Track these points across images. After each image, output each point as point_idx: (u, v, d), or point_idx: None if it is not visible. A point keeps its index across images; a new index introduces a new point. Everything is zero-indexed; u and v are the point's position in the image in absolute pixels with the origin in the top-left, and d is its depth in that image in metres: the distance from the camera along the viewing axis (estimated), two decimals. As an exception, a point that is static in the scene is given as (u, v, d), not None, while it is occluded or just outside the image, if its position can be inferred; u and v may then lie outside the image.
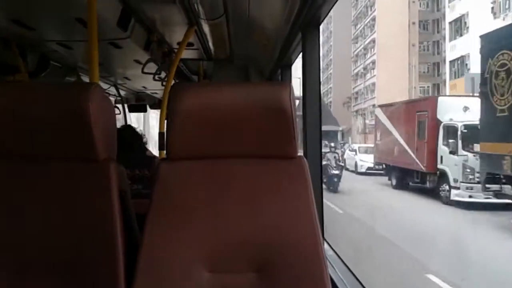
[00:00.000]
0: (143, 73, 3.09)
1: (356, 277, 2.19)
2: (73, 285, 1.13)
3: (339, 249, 2.44)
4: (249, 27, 3.10)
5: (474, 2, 23.42)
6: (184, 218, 1.16)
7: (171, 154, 1.20)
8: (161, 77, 3.38)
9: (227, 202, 1.18)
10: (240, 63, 4.20)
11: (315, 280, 1.14)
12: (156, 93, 5.12)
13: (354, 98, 44.28)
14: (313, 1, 2.05)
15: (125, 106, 5.23)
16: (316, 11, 2.14)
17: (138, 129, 2.92)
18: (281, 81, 3.40)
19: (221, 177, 1.20)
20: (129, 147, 2.40)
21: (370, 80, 40.36)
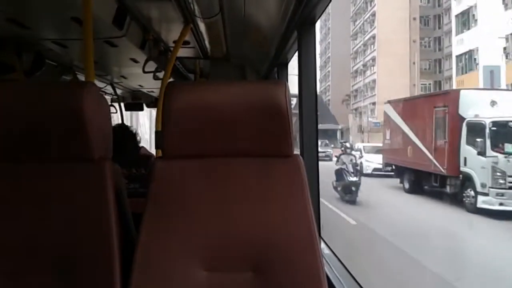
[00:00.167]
0: (144, 73, 3.09)
1: (352, 275, 2.22)
2: (70, 284, 1.14)
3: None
4: (245, 26, 3.11)
5: (483, -6, 22.18)
6: (181, 217, 1.17)
7: (167, 153, 1.22)
8: (160, 76, 3.40)
9: (223, 201, 1.19)
10: (237, 62, 4.20)
11: (312, 279, 1.15)
12: (153, 92, 5.13)
13: (354, 96, 44.04)
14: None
15: (122, 105, 5.24)
16: (312, 9, 2.17)
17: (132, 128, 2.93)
18: (277, 80, 3.43)
19: (217, 176, 1.21)
20: (124, 146, 2.42)
21: (370, 77, 40.05)
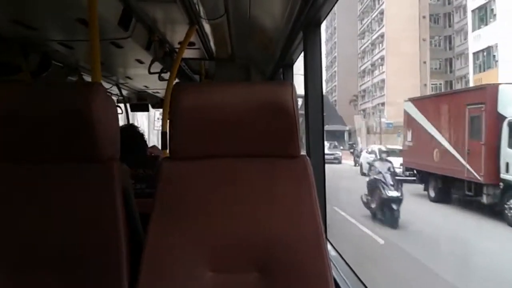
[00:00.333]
0: (150, 73, 3.12)
1: (359, 278, 2.24)
2: (77, 285, 1.16)
3: None
4: (251, 27, 3.13)
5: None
6: (187, 217, 1.19)
7: (174, 153, 1.23)
8: (165, 77, 3.44)
9: (230, 201, 1.20)
10: (242, 63, 4.23)
11: (319, 281, 1.15)
12: (158, 93, 5.17)
13: (361, 96, 43.78)
14: (314, 1, 2.09)
15: (127, 106, 5.30)
16: (318, 11, 2.19)
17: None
18: (284, 81, 3.45)
19: (224, 176, 1.22)
20: (133, 146, 2.44)
21: (379, 77, 39.70)
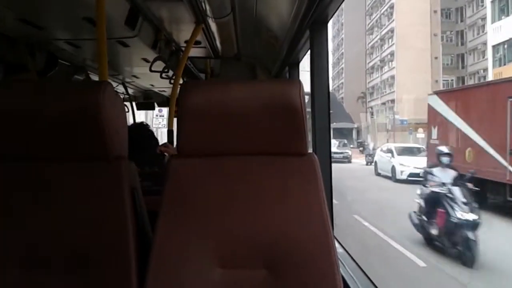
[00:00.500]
0: (151, 71, 3.15)
1: (368, 276, 2.27)
2: (85, 283, 1.17)
3: None
4: (257, 25, 3.16)
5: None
6: (196, 215, 1.21)
7: (182, 151, 1.25)
8: (168, 75, 3.44)
9: (238, 199, 1.22)
10: (247, 61, 4.25)
11: (327, 279, 1.16)
12: (164, 91, 5.22)
13: (370, 93, 43.57)
14: None
15: (133, 104, 5.35)
16: (324, 9, 2.19)
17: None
18: (291, 79, 3.47)
19: (232, 174, 1.24)
20: (142, 145, 2.47)
21: (388, 73, 39.48)
